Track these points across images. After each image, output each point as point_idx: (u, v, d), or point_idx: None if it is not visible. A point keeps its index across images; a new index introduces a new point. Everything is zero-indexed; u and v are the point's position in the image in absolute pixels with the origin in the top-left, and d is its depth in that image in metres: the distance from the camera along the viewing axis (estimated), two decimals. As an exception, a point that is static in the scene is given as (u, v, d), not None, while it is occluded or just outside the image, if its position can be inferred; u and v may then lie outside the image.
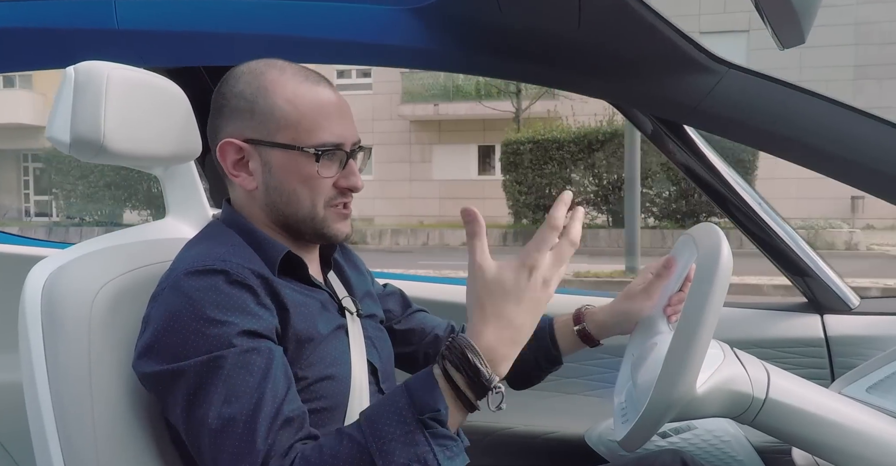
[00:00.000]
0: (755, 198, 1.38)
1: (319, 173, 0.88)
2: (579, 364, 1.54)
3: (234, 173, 0.91)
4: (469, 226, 0.77)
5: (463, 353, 0.72)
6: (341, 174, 0.91)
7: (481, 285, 0.76)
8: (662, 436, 1.37)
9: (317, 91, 0.89)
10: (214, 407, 0.73)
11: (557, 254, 0.77)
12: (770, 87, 1.06)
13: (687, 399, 0.79)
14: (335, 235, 0.93)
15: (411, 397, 0.72)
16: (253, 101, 0.88)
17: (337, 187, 0.91)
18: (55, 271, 0.87)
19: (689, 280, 1.00)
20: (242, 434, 0.72)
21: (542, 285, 0.76)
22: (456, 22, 1.15)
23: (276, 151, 0.88)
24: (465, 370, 0.72)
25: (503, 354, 0.74)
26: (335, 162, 0.90)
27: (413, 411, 0.71)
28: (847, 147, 1.06)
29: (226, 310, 0.77)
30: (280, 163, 0.89)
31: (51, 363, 0.83)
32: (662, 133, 1.34)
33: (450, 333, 1.16)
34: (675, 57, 1.06)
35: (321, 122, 0.88)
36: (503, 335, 0.74)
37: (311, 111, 0.88)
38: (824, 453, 0.85)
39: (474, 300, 0.76)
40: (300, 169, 0.88)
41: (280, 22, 1.21)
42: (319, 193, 0.90)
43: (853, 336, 1.38)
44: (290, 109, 0.87)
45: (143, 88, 0.97)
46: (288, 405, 0.76)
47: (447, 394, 0.72)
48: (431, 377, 0.73)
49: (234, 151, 0.90)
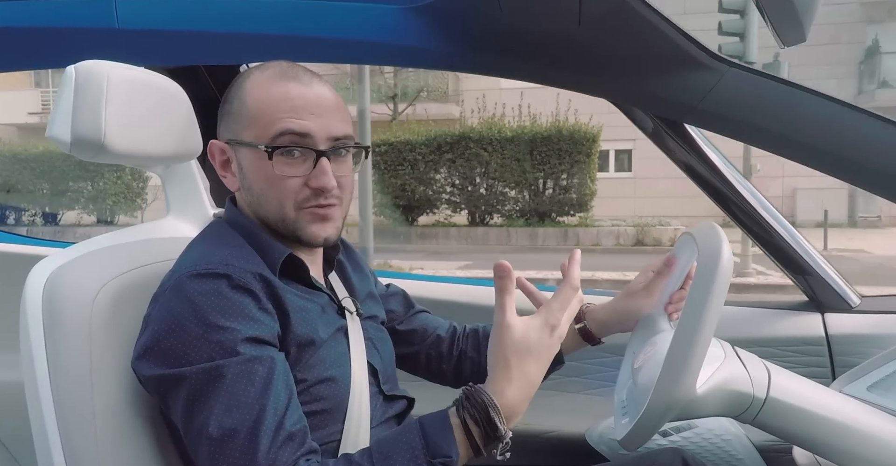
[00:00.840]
0: (756, 197, 1.38)
1: (278, 171, 0.85)
2: (580, 363, 1.54)
3: (222, 174, 0.92)
4: (500, 281, 0.78)
5: (485, 410, 0.75)
6: (312, 173, 0.86)
7: (510, 344, 0.78)
8: (663, 435, 1.37)
9: (286, 87, 0.86)
10: (215, 416, 0.73)
11: (572, 310, 0.82)
12: (771, 85, 1.06)
13: (687, 399, 0.79)
14: (310, 238, 0.89)
15: (426, 439, 0.74)
16: (232, 101, 0.89)
17: (309, 187, 0.87)
18: (56, 270, 0.87)
19: (690, 278, 1.00)
20: (243, 446, 0.72)
21: (557, 340, 0.80)
22: (456, 21, 1.15)
23: (244, 151, 0.88)
24: (484, 424, 0.75)
25: (519, 410, 0.78)
26: (299, 160, 0.86)
27: (426, 453, 0.73)
28: (848, 145, 1.05)
29: (228, 316, 0.77)
30: (247, 162, 0.88)
31: (52, 363, 0.83)
32: (663, 132, 1.34)
33: (451, 334, 1.16)
34: (676, 55, 1.05)
35: (280, 116, 0.85)
36: (524, 392, 0.78)
37: (271, 106, 0.85)
38: (825, 452, 0.85)
39: (501, 358, 0.78)
40: (262, 168, 0.86)
41: (280, 21, 1.21)
42: (286, 193, 0.86)
43: (854, 335, 1.38)
44: (254, 105, 0.86)
45: (144, 87, 0.97)
46: (290, 419, 0.76)
47: (460, 441, 0.75)
48: (448, 424, 0.76)
49: (219, 152, 0.91)
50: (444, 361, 1.14)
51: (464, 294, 1.61)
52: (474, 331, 1.16)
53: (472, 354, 1.13)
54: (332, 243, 0.92)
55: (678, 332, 0.79)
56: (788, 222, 1.39)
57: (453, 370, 1.14)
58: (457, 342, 1.15)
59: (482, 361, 1.11)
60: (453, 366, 1.13)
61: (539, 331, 0.79)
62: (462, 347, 1.14)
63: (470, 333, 1.16)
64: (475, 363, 1.13)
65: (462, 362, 1.13)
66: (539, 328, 0.79)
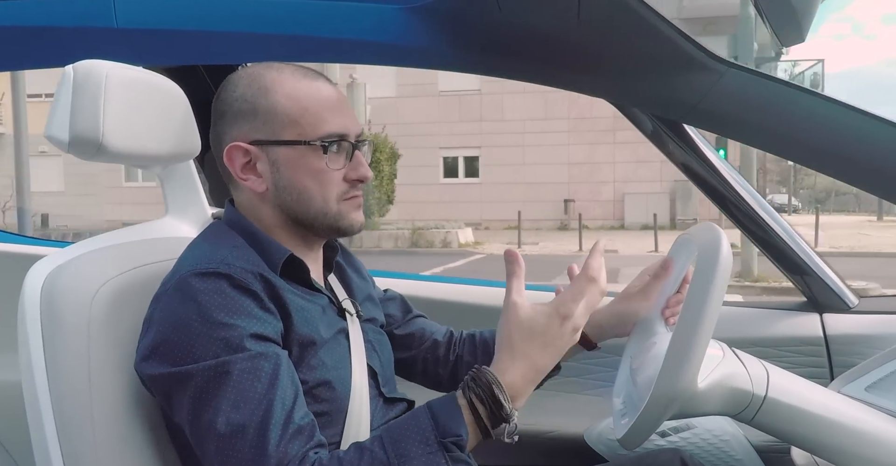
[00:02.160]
0: (754, 197, 1.38)
1: (328, 166, 0.88)
2: (578, 363, 1.54)
3: (242, 177, 0.90)
4: (510, 265, 0.82)
5: (489, 387, 0.77)
6: (349, 166, 0.91)
7: (514, 322, 0.80)
8: (662, 435, 1.37)
9: (316, 86, 0.90)
10: (223, 413, 0.74)
11: (588, 302, 0.81)
12: (770, 86, 1.06)
13: (686, 396, 0.79)
14: (350, 225, 0.92)
15: (435, 420, 0.76)
16: (254, 102, 0.88)
17: (346, 180, 0.91)
18: (54, 270, 0.87)
19: (686, 282, 1.00)
20: (253, 442, 0.73)
21: (571, 332, 0.80)
22: (454, 21, 1.15)
23: (283, 149, 0.88)
24: (490, 403, 0.76)
25: (523, 391, 0.79)
26: (342, 154, 0.90)
27: (436, 434, 0.75)
28: (847, 146, 1.05)
29: (232, 313, 0.77)
30: (288, 160, 0.88)
31: (50, 363, 0.83)
32: (662, 132, 1.34)
33: (448, 339, 1.15)
34: (675, 56, 1.05)
35: (324, 115, 0.88)
36: (526, 374, 0.79)
37: (312, 105, 0.88)
38: (823, 452, 0.85)
39: (505, 336, 0.80)
40: (309, 164, 0.88)
41: (279, 21, 1.21)
42: (330, 187, 0.89)
43: (852, 335, 1.38)
44: (292, 104, 0.88)
45: (142, 87, 0.97)
46: (297, 413, 0.76)
47: (469, 422, 0.76)
48: (455, 404, 0.77)
49: (242, 155, 0.89)
50: (441, 366, 1.13)
51: (462, 295, 1.61)
52: (471, 336, 1.16)
53: (468, 359, 1.13)
54: (362, 229, 0.96)
55: (678, 329, 0.79)
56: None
57: (450, 375, 1.13)
58: (454, 347, 1.14)
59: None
60: (450, 371, 1.13)
61: (547, 317, 0.79)
62: (459, 352, 1.14)
63: (467, 338, 1.16)
64: (471, 367, 1.12)
65: (459, 367, 1.13)
66: (548, 315, 0.79)
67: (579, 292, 0.80)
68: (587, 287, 0.80)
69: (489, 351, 1.09)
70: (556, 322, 0.79)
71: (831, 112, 1.04)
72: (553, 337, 0.79)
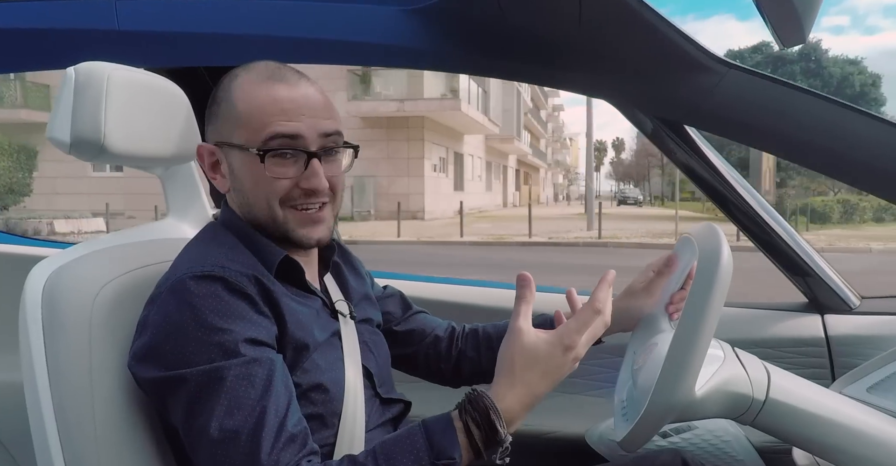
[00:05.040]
0: (756, 198, 1.37)
1: (270, 173, 0.85)
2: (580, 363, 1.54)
3: (212, 175, 0.92)
4: (520, 290, 0.82)
5: (486, 412, 0.76)
6: (304, 175, 0.86)
7: (518, 348, 0.79)
8: (663, 436, 1.37)
9: (274, 89, 0.86)
10: (216, 418, 0.73)
11: (591, 333, 0.81)
12: (771, 87, 1.06)
13: (686, 401, 0.79)
14: (300, 240, 0.88)
15: (430, 441, 0.75)
16: (220, 103, 0.89)
17: (300, 189, 0.87)
18: (56, 271, 0.87)
19: (690, 278, 1.00)
20: (245, 448, 0.72)
21: (572, 361, 0.81)
22: (456, 22, 1.15)
23: (235, 152, 0.88)
24: (485, 427, 0.76)
25: (519, 416, 0.79)
26: (290, 162, 0.86)
27: (430, 454, 0.74)
28: (847, 146, 1.05)
29: (226, 317, 0.77)
30: (238, 164, 0.88)
31: (51, 363, 0.83)
32: (663, 133, 1.34)
33: (450, 334, 1.15)
34: (676, 57, 1.05)
35: (268, 119, 0.84)
36: (523, 400, 0.79)
37: (258, 109, 0.85)
38: (825, 453, 0.85)
39: (507, 361, 0.80)
40: (253, 171, 0.86)
41: (280, 22, 1.21)
42: (273, 193, 0.86)
43: (854, 336, 1.38)
44: (243, 108, 0.86)
45: (144, 88, 0.97)
46: (291, 420, 0.76)
47: (462, 444, 0.76)
48: (451, 427, 0.76)
49: (208, 154, 0.91)
50: (443, 361, 1.13)
51: (462, 295, 1.61)
52: (473, 331, 1.16)
53: (471, 353, 1.13)
54: (324, 244, 0.93)
55: (678, 334, 0.79)
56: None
57: (452, 370, 1.13)
58: (455, 342, 1.14)
59: (481, 360, 1.11)
60: (452, 366, 1.13)
61: (550, 346, 0.79)
62: (461, 346, 1.14)
63: (469, 332, 1.16)
64: (474, 362, 1.12)
65: (461, 361, 1.13)
66: (551, 343, 0.79)
67: (584, 323, 0.80)
68: (592, 319, 0.81)
69: (492, 346, 1.10)
70: (558, 352, 0.79)
71: (832, 113, 1.04)
72: (554, 366, 0.79)
